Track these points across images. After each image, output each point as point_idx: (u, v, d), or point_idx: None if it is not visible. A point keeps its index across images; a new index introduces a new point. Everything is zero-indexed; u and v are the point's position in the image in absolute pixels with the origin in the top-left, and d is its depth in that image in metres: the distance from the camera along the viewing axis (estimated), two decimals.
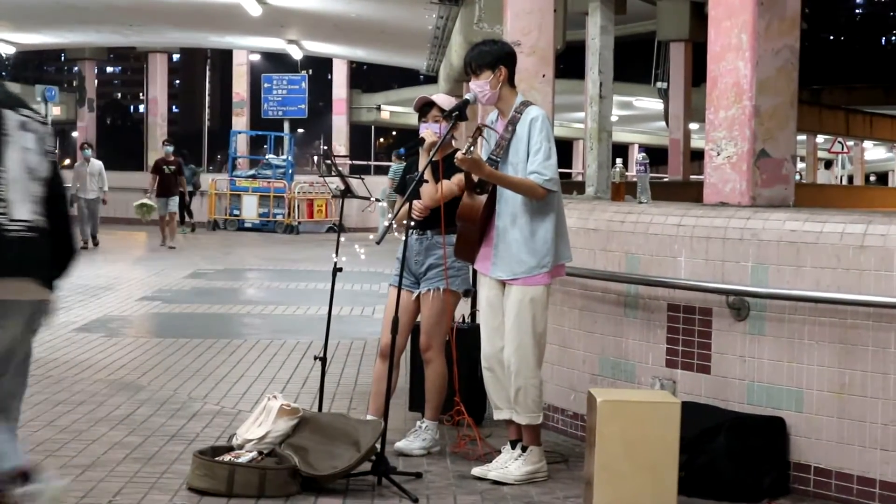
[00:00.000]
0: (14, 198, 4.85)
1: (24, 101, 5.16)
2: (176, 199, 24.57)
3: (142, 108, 64.67)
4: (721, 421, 6.41)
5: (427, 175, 6.95)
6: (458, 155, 6.34)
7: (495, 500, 6.24)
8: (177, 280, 17.74)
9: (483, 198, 6.61)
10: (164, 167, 24.46)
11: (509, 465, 6.64)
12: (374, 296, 15.45)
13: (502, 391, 6.70)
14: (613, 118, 9.25)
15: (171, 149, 25.32)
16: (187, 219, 29.69)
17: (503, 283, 6.67)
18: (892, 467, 5.99)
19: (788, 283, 6.36)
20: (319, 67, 62.55)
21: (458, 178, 6.82)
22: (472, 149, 6.36)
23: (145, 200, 24.85)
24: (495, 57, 6.68)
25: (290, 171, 31.59)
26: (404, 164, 7.83)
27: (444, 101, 7.30)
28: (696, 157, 38.33)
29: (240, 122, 38.67)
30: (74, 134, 45.84)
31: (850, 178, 55.00)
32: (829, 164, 48.87)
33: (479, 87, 6.66)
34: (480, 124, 6.66)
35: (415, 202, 7.02)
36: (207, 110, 57.32)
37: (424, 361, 7.29)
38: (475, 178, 6.57)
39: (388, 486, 6.30)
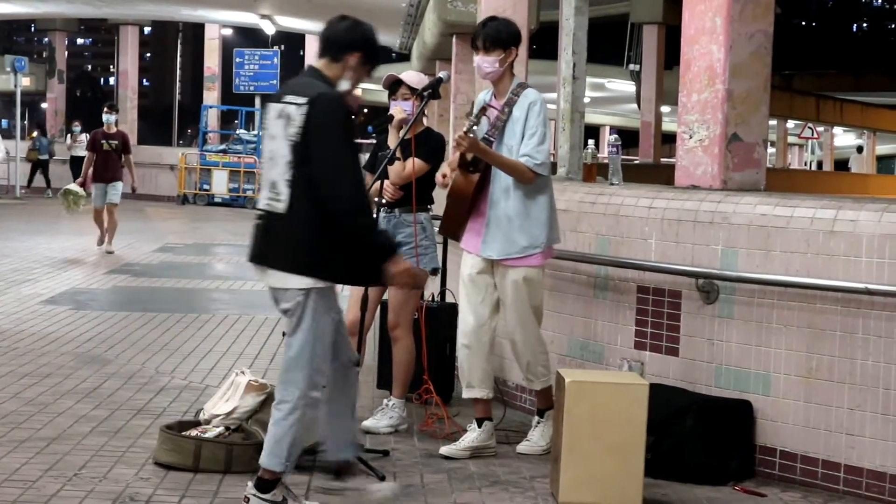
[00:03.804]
0: (261, 188, 5.35)
1: (301, 87, 5.28)
2: (119, 185, 17.81)
3: (112, 80, 64.29)
4: (689, 403, 6.43)
5: (397, 153, 6.95)
6: (458, 134, 6.35)
7: (462, 478, 6.24)
8: (145, 254, 17.66)
9: (475, 176, 6.62)
10: (105, 142, 17.77)
11: (532, 436, 6.82)
12: None
13: (477, 369, 6.72)
14: (585, 100, 9.24)
15: (113, 118, 18.28)
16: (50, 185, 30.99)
17: (491, 262, 6.67)
18: (857, 452, 6.03)
19: (758, 266, 6.38)
20: (292, 43, 62.32)
21: (453, 158, 6.80)
22: (475, 129, 6.37)
23: (72, 187, 18.65)
24: (511, 37, 6.63)
25: (261, 147, 31.47)
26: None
27: (413, 78, 7.29)
28: (667, 139, 38.45)
29: (211, 96, 38.50)
30: (44, 105, 45.57)
31: (820, 164, 55.32)
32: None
33: (489, 63, 6.60)
34: (487, 104, 6.64)
35: (387, 183, 7.00)
36: (178, 84, 57.03)
37: (392, 339, 7.28)
38: (469, 156, 6.57)
39: (354, 463, 6.29)
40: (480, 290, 6.72)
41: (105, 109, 18.46)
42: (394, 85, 7.27)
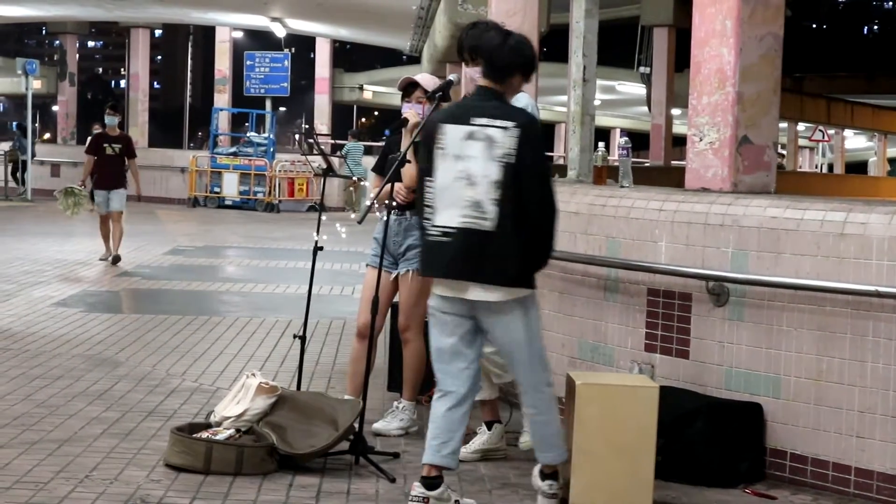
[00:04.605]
0: (439, 205, 5.49)
1: (491, 109, 5.55)
2: (122, 192, 16.41)
3: (123, 83, 64.39)
4: (699, 406, 6.43)
5: (409, 156, 6.93)
6: None
7: (472, 480, 6.25)
8: (156, 256, 17.69)
9: None
10: (107, 146, 16.32)
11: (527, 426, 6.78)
12: (354, 275, 15.43)
13: None
14: (596, 102, 9.23)
15: (115, 120, 16.71)
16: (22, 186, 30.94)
17: None
18: (868, 454, 6.03)
19: (768, 269, 6.38)
20: (302, 46, 62.39)
21: None
22: None
23: (73, 185, 17.38)
24: None
25: (272, 150, 31.52)
26: (359, 143, 7.80)
27: (428, 81, 7.27)
28: (678, 142, 38.39)
29: (222, 99, 38.58)
30: (55, 108, 45.65)
31: (831, 167, 55.21)
32: None
33: (480, 73, 6.56)
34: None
35: (399, 186, 6.98)
36: (189, 87, 57.11)
37: (403, 342, 7.29)
38: None
39: (365, 465, 6.31)
40: None
41: (107, 111, 16.88)
42: (409, 87, 7.26)
